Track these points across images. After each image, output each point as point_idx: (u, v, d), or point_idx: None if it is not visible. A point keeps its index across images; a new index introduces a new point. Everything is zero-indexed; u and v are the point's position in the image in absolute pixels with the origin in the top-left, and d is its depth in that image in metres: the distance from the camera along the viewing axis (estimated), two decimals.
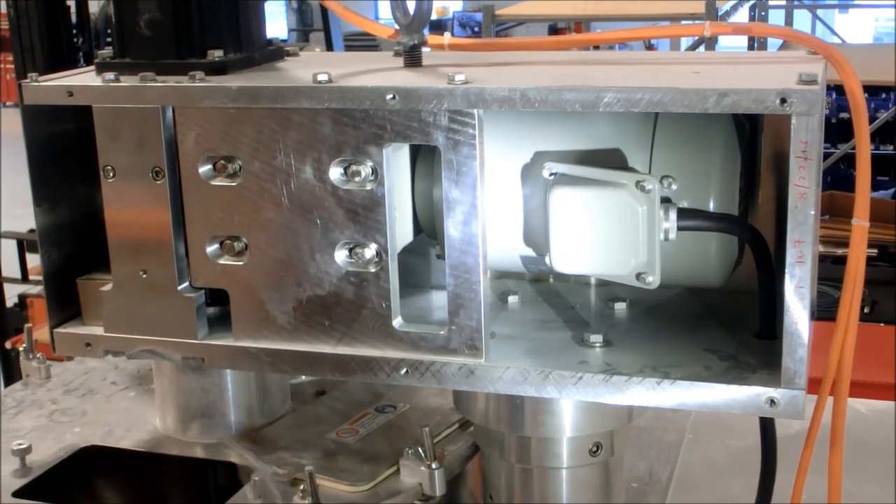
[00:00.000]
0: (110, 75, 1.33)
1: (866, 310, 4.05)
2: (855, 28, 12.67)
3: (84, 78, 1.37)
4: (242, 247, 1.32)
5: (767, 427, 1.40)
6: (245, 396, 1.62)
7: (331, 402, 1.71)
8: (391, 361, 1.28)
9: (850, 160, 5.76)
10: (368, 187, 1.24)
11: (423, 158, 1.37)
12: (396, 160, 1.30)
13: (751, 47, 5.89)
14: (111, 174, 1.34)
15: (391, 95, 1.20)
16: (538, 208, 1.30)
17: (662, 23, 5.13)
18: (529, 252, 1.34)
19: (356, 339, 1.29)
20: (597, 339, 1.29)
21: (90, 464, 1.58)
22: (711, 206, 1.26)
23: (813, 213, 1.10)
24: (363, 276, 1.27)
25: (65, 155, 1.41)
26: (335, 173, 1.25)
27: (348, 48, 9.34)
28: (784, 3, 7.25)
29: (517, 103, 1.17)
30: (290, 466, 1.50)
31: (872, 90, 6.11)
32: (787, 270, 1.12)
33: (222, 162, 1.29)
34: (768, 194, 1.38)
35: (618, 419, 1.39)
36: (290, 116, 1.25)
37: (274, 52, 1.48)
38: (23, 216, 2.00)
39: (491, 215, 1.27)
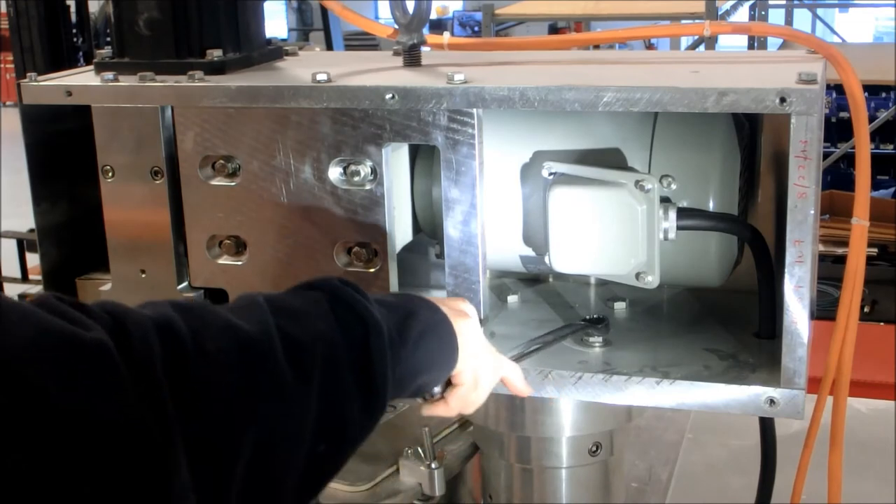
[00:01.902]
0: (109, 75, 1.32)
1: (866, 309, 4.05)
2: (855, 27, 12.65)
3: (83, 78, 1.37)
4: (241, 246, 1.32)
5: (767, 427, 1.40)
6: None
7: None
8: None
9: (850, 159, 5.75)
10: (367, 187, 1.24)
11: (423, 158, 1.36)
12: (395, 160, 1.30)
13: (750, 47, 5.88)
14: (110, 174, 1.34)
15: (390, 95, 1.20)
16: (538, 208, 1.30)
17: (662, 22, 5.13)
18: (529, 252, 1.34)
19: None
20: (596, 338, 1.29)
21: None
22: (711, 206, 1.26)
23: (812, 212, 1.10)
24: (362, 276, 1.27)
25: (64, 154, 1.41)
26: (334, 173, 1.25)
27: (348, 47, 9.34)
28: (784, 2, 7.24)
29: (516, 103, 1.17)
30: None
31: (872, 89, 6.09)
32: (786, 270, 1.11)
33: (221, 161, 1.29)
34: (768, 194, 1.37)
35: (617, 419, 1.39)
36: (289, 116, 1.25)
37: (273, 52, 1.48)
38: (23, 216, 2.00)
39: (490, 215, 1.27)
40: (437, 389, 1.10)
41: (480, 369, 1.10)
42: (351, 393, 0.90)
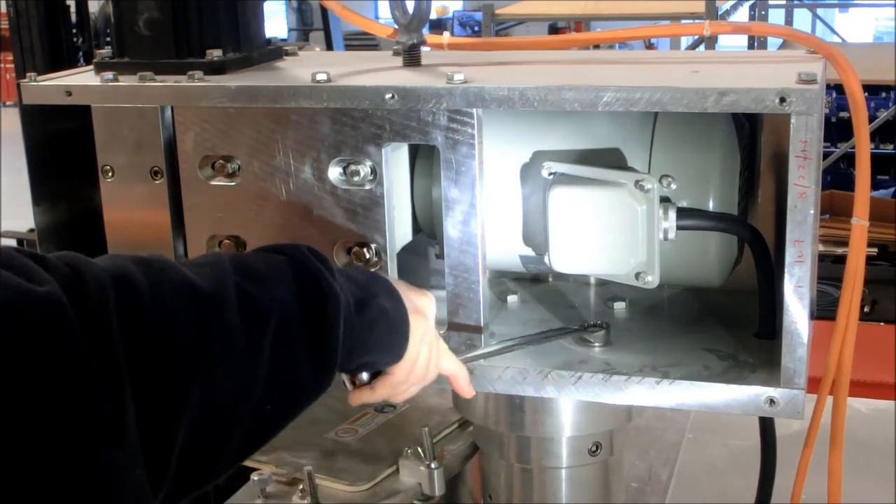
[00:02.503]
0: (109, 75, 1.32)
1: (866, 309, 4.05)
2: (855, 27, 12.65)
3: (83, 77, 1.37)
4: (241, 246, 1.31)
5: (767, 427, 1.40)
6: None
7: (330, 402, 1.71)
8: None
9: (849, 159, 5.75)
10: (367, 187, 1.24)
11: (423, 158, 1.36)
12: (395, 160, 1.30)
13: (750, 46, 5.88)
14: (110, 174, 1.34)
15: (390, 95, 1.20)
16: (537, 208, 1.30)
17: (662, 22, 5.13)
18: (529, 252, 1.34)
19: None
20: (596, 338, 1.29)
21: None
22: (711, 206, 1.26)
23: (812, 212, 1.10)
24: None
25: (64, 154, 1.41)
26: (334, 173, 1.25)
27: (348, 47, 9.34)
28: (784, 2, 7.25)
29: (516, 103, 1.17)
30: (290, 466, 1.50)
31: (872, 89, 6.10)
32: (786, 270, 1.11)
33: (221, 161, 1.29)
34: (768, 194, 1.37)
35: (617, 419, 1.39)
36: (289, 116, 1.24)
37: (273, 52, 1.48)
38: (23, 216, 2.00)
39: (490, 215, 1.26)
40: (364, 376, 1.11)
41: (418, 362, 1.11)
42: (302, 357, 0.91)
